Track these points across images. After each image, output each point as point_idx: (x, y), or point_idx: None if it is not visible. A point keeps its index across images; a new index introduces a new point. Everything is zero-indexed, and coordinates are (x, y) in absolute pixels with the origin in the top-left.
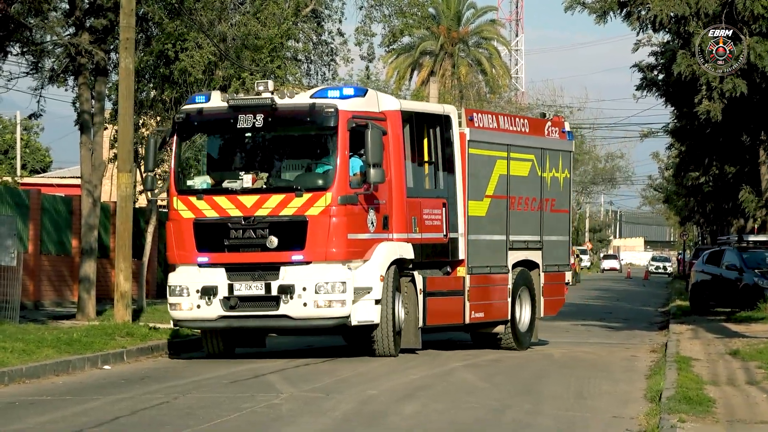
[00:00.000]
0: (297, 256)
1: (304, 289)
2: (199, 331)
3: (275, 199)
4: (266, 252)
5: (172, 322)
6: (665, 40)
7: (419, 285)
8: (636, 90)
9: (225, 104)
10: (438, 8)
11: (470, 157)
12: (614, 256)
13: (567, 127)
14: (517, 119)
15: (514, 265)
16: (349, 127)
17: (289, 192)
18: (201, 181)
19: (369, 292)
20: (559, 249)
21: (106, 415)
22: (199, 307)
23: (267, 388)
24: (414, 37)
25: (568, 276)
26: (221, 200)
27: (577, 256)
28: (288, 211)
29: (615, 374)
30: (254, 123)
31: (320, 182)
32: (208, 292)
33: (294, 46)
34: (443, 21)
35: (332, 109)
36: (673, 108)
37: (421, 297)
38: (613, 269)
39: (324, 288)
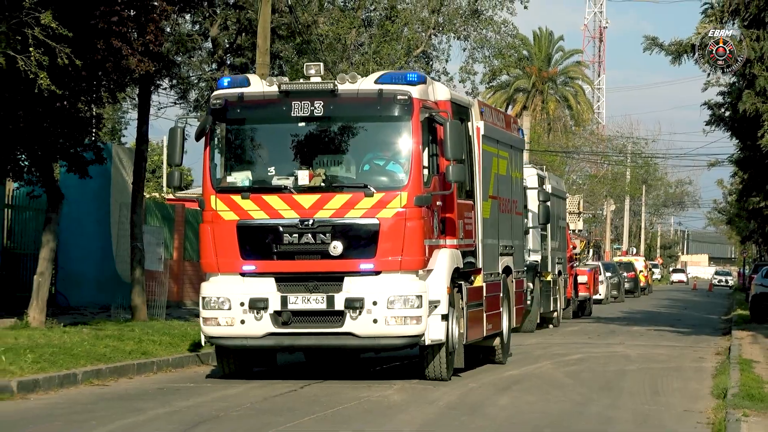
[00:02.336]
0: (366, 265)
1: (375, 303)
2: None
3: (340, 198)
4: (327, 260)
5: (202, 339)
6: (732, 81)
7: (464, 297)
8: (705, 125)
9: (274, 89)
10: (531, 51)
11: (483, 154)
12: (682, 270)
13: (519, 124)
14: (499, 113)
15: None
16: (422, 118)
17: (357, 191)
18: (242, 178)
19: (437, 306)
20: (521, 254)
21: (243, 401)
22: (243, 322)
23: (381, 381)
24: (510, 75)
25: (526, 283)
26: (272, 200)
27: (650, 269)
28: (355, 213)
29: (685, 373)
30: (312, 111)
31: (394, 180)
32: (256, 305)
33: None
34: (535, 62)
35: (406, 97)
36: (737, 141)
37: (465, 311)
38: (680, 281)
39: (398, 302)
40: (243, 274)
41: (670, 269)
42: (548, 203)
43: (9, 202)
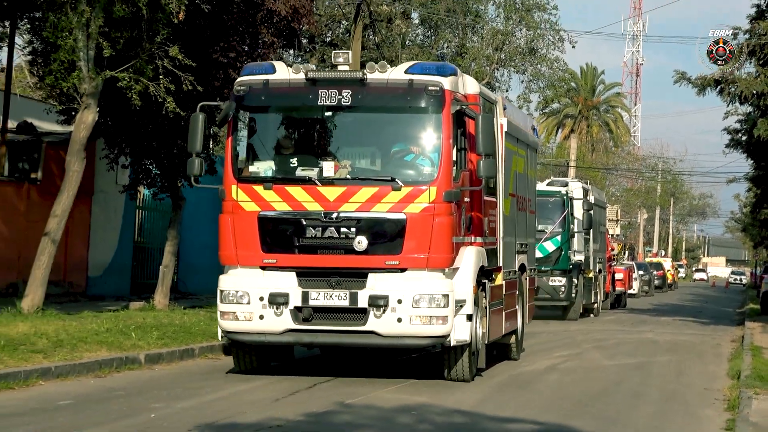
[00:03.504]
0: (392, 262)
1: (399, 301)
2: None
3: (366, 192)
4: (351, 255)
5: (219, 335)
6: (748, 111)
7: (487, 296)
8: (725, 147)
9: (300, 76)
10: (578, 83)
11: (505, 151)
12: (703, 270)
13: (535, 124)
14: (518, 111)
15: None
16: (453, 110)
17: (384, 184)
18: (265, 168)
19: (463, 306)
20: (533, 252)
21: (329, 375)
22: (262, 317)
23: (441, 363)
24: (560, 104)
25: (536, 281)
26: (296, 191)
27: (676, 269)
28: (382, 207)
29: (705, 357)
30: (340, 100)
31: (422, 174)
32: (276, 300)
33: None
34: (581, 93)
35: (437, 88)
36: (752, 161)
37: (488, 310)
38: (701, 280)
39: (423, 301)
40: (263, 268)
41: (693, 269)
42: (591, 212)
43: (139, 204)
